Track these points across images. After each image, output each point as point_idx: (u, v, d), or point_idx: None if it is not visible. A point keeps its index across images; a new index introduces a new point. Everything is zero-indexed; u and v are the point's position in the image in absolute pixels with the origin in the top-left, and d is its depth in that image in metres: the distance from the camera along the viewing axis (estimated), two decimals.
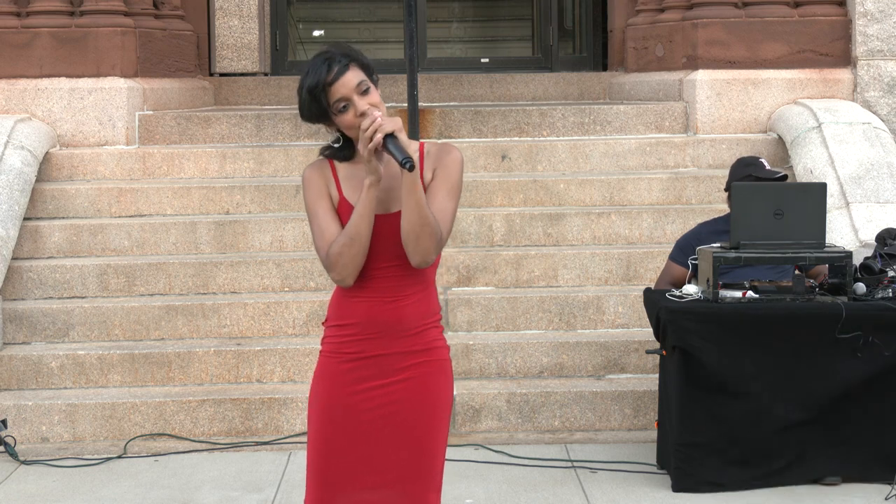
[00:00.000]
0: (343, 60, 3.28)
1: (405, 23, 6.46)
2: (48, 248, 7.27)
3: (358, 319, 3.36)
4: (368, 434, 3.36)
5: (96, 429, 6.30)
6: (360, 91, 3.28)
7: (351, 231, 3.26)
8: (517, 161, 8.00)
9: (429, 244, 3.26)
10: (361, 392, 3.36)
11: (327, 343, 3.43)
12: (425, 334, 3.40)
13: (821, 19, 8.44)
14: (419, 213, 3.22)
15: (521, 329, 6.89)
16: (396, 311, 3.35)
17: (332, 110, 3.29)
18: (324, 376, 3.42)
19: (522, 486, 5.58)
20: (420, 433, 3.39)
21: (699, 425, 5.41)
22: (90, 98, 8.11)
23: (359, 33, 13.65)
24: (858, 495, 5.36)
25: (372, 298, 3.34)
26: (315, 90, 3.27)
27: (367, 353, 3.36)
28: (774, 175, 5.93)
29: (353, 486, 3.37)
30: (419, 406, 3.39)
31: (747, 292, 5.49)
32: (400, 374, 3.37)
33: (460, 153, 3.41)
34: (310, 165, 3.43)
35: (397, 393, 3.37)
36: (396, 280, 3.34)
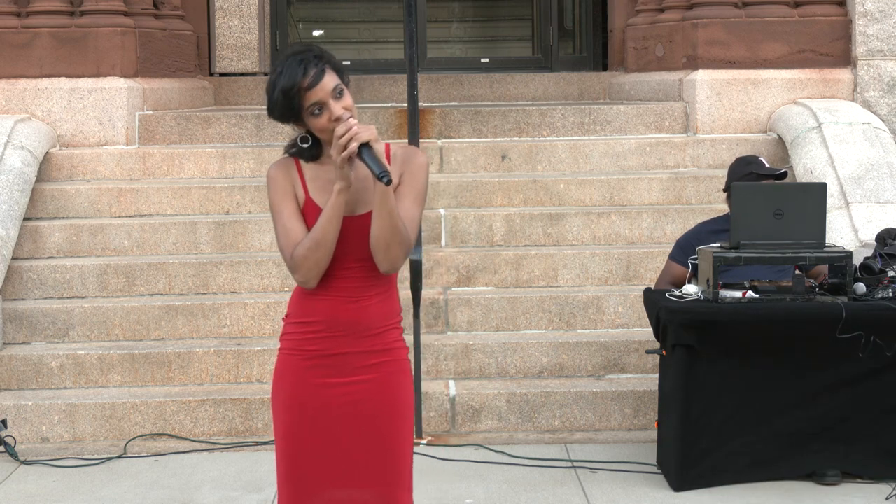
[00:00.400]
0: (318, 63, 3.26)
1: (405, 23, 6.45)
2: (48, 248, 7.27)
3: (320, 318, 3.36)
4: (333, 432, 3.37)
5: (96, 429, 6.30)
6: (335, 95, 3.26)
7: (317, 235, 3.26)
8: (517, 161, 8.00)
9: (399, 252, 3.28)
10: (324, 389, 3.36)
11: (288, 340, 3.43)
12: (386, 335, 3.42)
13: (821, 19, 8.44)
14: (391, 223, 3.24)
15: (521, 329, 6.89)
16: (359, 311, 3.36)
17: (305, 113, 3.27)
18: (286, 373, 3.42)
19: (522, 486, 5.58)
20: (385, 433, 3.39)
21: (699, 425, 5.41)
22: (90, 98, 8.12)
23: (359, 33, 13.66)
24: (858, 495, 5.36)
25: (335, 298, 3.35)
26: (290, 92, 3.24)
27: (329, 352, 3.37)
28: (775, 172, 5.93)
29: (322, 484, 3.37)
30: (382, 406, 3.39)
31: (747, 292, 5.49)
32: (361, 374, 3.38)
33: (426, 157, 3.41)
34: (275, 164, 3.41)
35: (360, 393, 3.37)
36: (360, 281, 3.35)
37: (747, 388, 5.40)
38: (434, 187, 7.56)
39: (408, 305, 6.50)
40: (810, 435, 5.41)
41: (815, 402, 5.41)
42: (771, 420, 5.40)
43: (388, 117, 8.26)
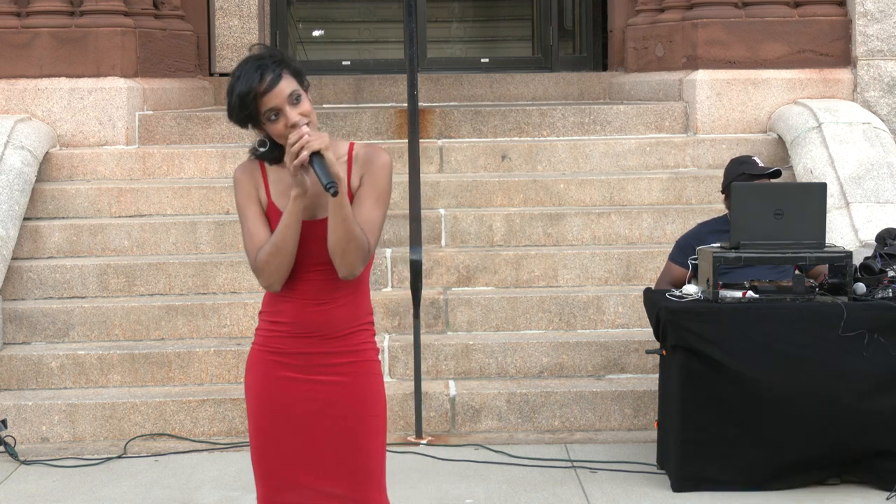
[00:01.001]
0: (275, 69, 3.25)
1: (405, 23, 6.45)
2: (48, 248, 7.27)
3: (287, 319, 3.38)
4: (302, 429, 3.38)
5: (96, 429, 6.30)
6: (292, 101, 3.25)
7: (277, 240, 3.27)
8: (517, 161, 8.00)
9: (355, 258, 3.27)
10: (291, 383, 3.38)
11: (259, 334, 3.46)
12: (354, 336, 3.41)
13: (821, 19, 8.44)
14: (345, 229, 3.23)
15: (521, 329, 6.89)
16: (325, 314, 3.36)
17: (262, 119, 3.27)
18: (253, 368, 3.45)
19: (522, 486, 5.58)
20: (355, 434, 3.39)
21: (699, 425, 5.41)
22: (90, 98, 8.12)
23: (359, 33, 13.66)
24: (858, 495, 5.36)
25: (300, 300, 3.36)
26: (246, 98, 3.24)
27: (295, 350, 3.38)
28: (765, 171, 5.92)
29: (294, 480, 3.38)
30: (352, 407, 3.39)
31: (747, 292, 5.49)
32: (329, 375, 3.38)
33: (389, 157, 3.39)
34: (240, 166, 3.42)
35: (329, 394, 3.38)
36: (324, 284, 3.35)
37: (748, 389, 5.39)
38: (434, 187, 7.56)
39: (408, 305, 6.51)
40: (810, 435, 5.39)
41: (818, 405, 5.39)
42: (771, 420, 5.39)
43: (388, 117, 8.26)
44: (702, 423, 5.40)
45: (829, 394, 5.38)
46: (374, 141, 8.13)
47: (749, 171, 5.92)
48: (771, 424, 5.39)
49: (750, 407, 5.39)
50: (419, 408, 6.27)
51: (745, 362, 5.38)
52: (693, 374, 5.40)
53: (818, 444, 5.39)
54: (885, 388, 5.39)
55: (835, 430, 5.38)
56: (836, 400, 5.38)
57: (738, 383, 5.39)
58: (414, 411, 6.29)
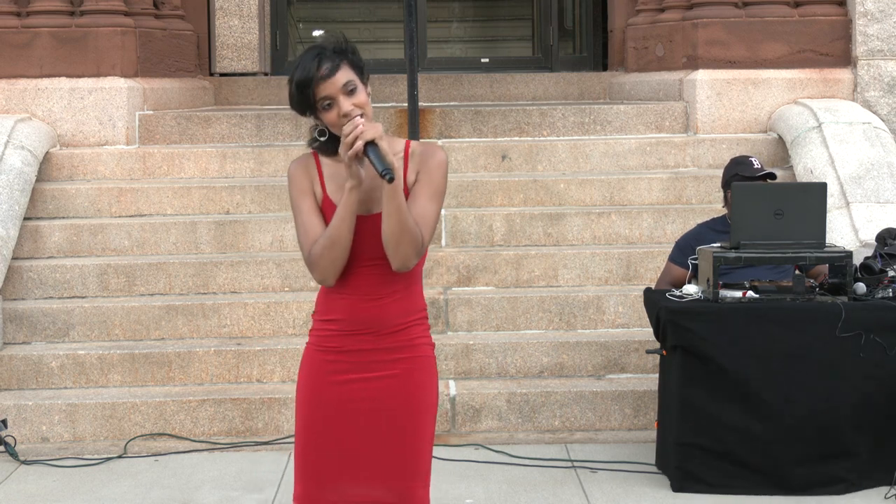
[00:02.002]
0: (333, 58, 3.28)
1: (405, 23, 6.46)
2: (48, 247, 7.27)
3: (340, 316, 3.38)
4: (353, 428, 3.37)
5: (96, 429, 6.30)
6: (347, 91, 3.27)
7: (332, 234, 3.27)
8: (517, 161, 8.00)
9: (409, 250, 3.26)
10: (343, 384, 3.37)
11: (313, 335, 3.46)
12: (408, 331, 3.41)
13: (821, 19, 8.44)
14: (399, 220, 3.23)
15: (521, 329, 6.89)
16: (377, 308, 3.36)
17: (317, 107, 3.29)
18: (307, 368, 3.45)
19: (522, 486, 5.58)
20: (405, 430, 3.39)
21: (699, 425, 5.41)
22: (90, 98, 8.12)
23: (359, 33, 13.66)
24: (858, 495, 5.36)
25: (353, 296, 3.36)
26: (302, 85, 3.28)
27: (349, 348, 3.38)
28: (758, 174, 5.92)
29: (338, 478, 3.38)
30: (403, 403, 3.39)
31: (747, 292, 5.49)
32: (383, 371, 3.38)
33: (445, 155, 3.41)
34: (295, 161, 3.43)
35: (381, 390, 3.37)
36: (377, 279, 3.35)
37: (748, 389, 5.39)
38: None
39: None
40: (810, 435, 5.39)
41: (816, 403, 5.39)
42: (771, 420, 5.39)
43: (388, 117, 8.26)
44: (702, 422, 5.40)
45: (829, 393, 5.38)
46: None
47: (743, 172, 5.93)
48: (771, 424, 5.39)
49: (750, 407, 5.39)
50: None
51: (746, 362, 5.38)
52: (693, 374, 5.40)
53: (818, 444, 5.39)
54: (883, 387, 5.39)
55: (835, 430, 5.38)
56: (835, 400, 5.38)
57: (739, 383, 5.39)
58: None
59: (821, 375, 5.37)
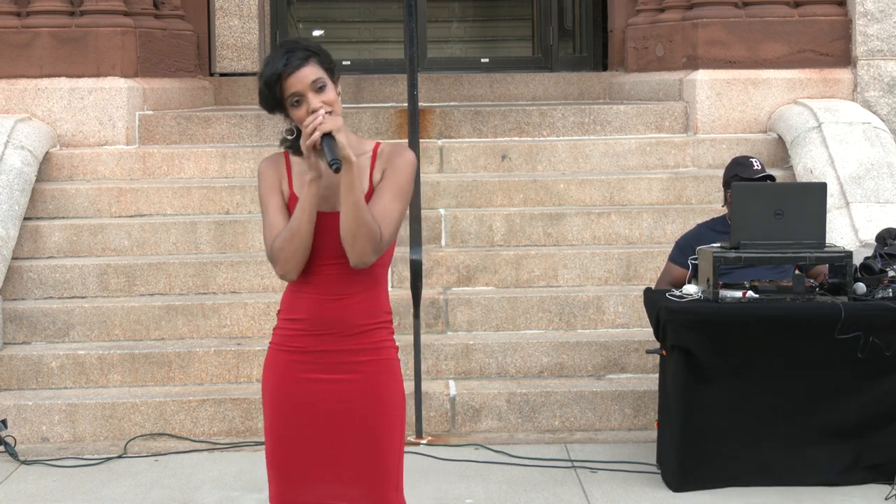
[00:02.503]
0: (302, 55, 3.28)
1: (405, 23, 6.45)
2: (48, 248, 7.27)
3: (304, 315, 3.37)
4: (320, 428, 3.37)
5: (96, 429, 6.30)
6: (315, 88, 3.27)
7: (292, 226, 3.28)
8: (517, 161, 8.00)
9: (365, 245, 3.25)
10: (309, 384, 3.37)
11: (276, 334, 3.45)
12: (372, 334, 3.40)
13: (821, 19, 8.44)
14: (355, 214, 3.23)
15: (521, 329, 6.89)
16: (341, 309, 3.35)
17: (286, 103, 3.30)
18: (271, 368, 3.44)
19: (522, 486, 5.58)
20: (373, 432, 3.39)
21: (699, 425, 5.40)
22: (90, 98, 8.12)
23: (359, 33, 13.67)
24: (858, 495, 5.36)
25: (316, 295, 3.35)
26: (270, 81, 3.28)
27: (312, 349, 3.37)
28: (756, 175, 5.92)
29: (310, 479, 3.37)
30: (370, 406, 3.38)
31: (747, 292, 5.49)
32: (347, 373, 3.37)
33: (413, 155, 3.40)
34: (266, 159, 3.45)
35: (347, 392, 3.37)
36: (341, 278, 3.34)
37: (748, 389, 5.39)
38: (434, 187, 7.56)
39: (408, 305, 6.50)
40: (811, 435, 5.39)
41: (817, 406, 5.39)
42: (772, 422, 5.39)
43: (388, 117, 8.26)
44: (702, 422, 5.40)
45: (828, 393, 5.38)
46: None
47: (742, 173, 5.94)
48: (771, 424, 5.39)
49: (750, 407, 5.39)
50: (419, 408, 6.27)
51: (745, 362, 5.38)
52: (693, 374, 5.40)
53: (818, 444, 5.40)
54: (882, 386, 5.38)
55: (835, 430, 5.38)
56: (836, 399, 5.38)
57: (739, 383, 5.39)
58: (414, 411, 6.29)
59: (820, 375, 5.37)
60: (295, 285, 3.39)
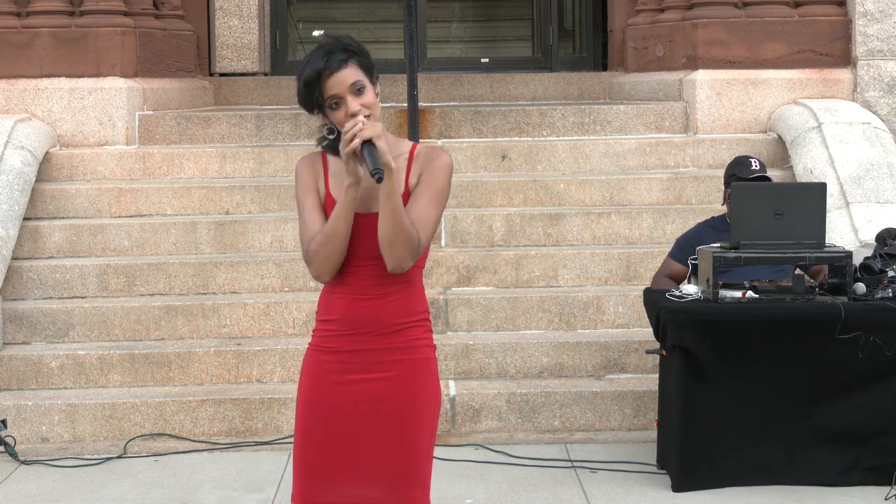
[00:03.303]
0: (342, 55, 3.27)
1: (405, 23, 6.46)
2: (48, 248, 7.27)
3: (338, 315, 3.38)
4: (352, 429, 3.37)
5: (96, 429, 6.30)
6: (354, 90, 3.26)
7: (328, 230, 3.28)
8: (517, 161, 8.00)
9: (403, 251, 3.25)
10: (342, 384, 3.37)
11: (314, 336, 3.47)
12: (406, 332, 3.39)
13: (821, 19, 8.44)
14: (395, 221, 3.22)
15: (521, 329, 6.89)
16: (374, 308, 3.36)
17: (325, 105, 3.29)
18: (306, 369, 3.46)
19: (522, 486, 5.58)
20: (404, 432, 3.38)
21: (699, 425, 5.40)
22: (90, 98, 8.12)
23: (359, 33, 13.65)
24: (858, 495, 5.36)
25: (350, 295, 3.36)
26: (310, 83, 3.27)
27: (346, 349, 3.38)
28: (751, 175, 5.93)
29: (337, 479, 3.37)
30: (403, 404, 3.38)
31: (747, 292, 5.49)
32: (381, 372, 3.37)
33: (450, 158, 3.40)
34: (303, 158, 3.44)
35: (380, 391, 3.37)
36: (375, 279, 3.34)
37: (747, 389, 5.39)
38: None
39: None
40: (811, 435, 5.39)
41: (817, 406, 5.39)
42: (771, 422, 5.39)
43: (388, 117, 8.26)
44: (702, 422, 5.40)
45: (828, 393, 5.38)
46: None
47: (739, 173, 5.96)
48: (770, 424, 5.39)
49: (750, 407, 5.39)
50: None
51: (745, 362, 5.38)
52: (693, 374, 5.40)
53: (818, 444, 5.39)
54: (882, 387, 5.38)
55: (835, 430, 5.38)
56: (836, 400, 5.38)
57: (739, 383, 5.39)
58: None
59: (820, 375, 5.37)
60: (330, 286, 3.40)
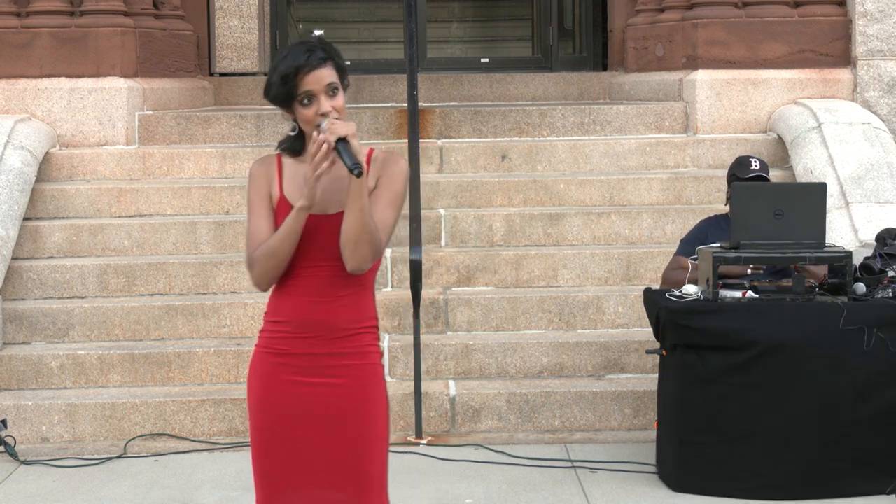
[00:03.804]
0: (322, 55, 3.27)
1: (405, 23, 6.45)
2: (48, 248, 7.27)
3: (288, 317, 3.36)
4: (308, 433, 3.34)
5: (96, 429, 6.30)
6: (329, 91, 3.27)
7: (274, 245, 3.28)
8: (517, 161, 8.00)
9: (367, 251, 3.25)
10: (294, 387, 3.35)
11: (262, 337, 3.43)
12: (358, 338, 3.37)
13: (821, 19, 8.44)
14: (362, 220, 3.22)
15: (521, 329, 6.89)
16: (326, 311, 3.34)
17: (295, 101, 3.28)
18: (257, 371, 3.42)
19: (522, 486, 5.58)
20: (356, 437, 3.35)
21: (699, 425, 5.40)
22: (90, 98, 8.12)
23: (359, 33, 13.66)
24: (859, 496, 5.35)
25: (303, 297, 3.34)
26: (287, 75, 3.25)
27: (297, 351, 3.35)
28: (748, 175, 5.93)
29: (294, 482, 3.35)
30: (353, 411, 3.36)
31: (747, 292, 5.49)
32: (333, 378, 3.35)
33: (406, 164, 3.41)
34: (258, 160, 3.43)
35: (331, 397, 3.34)
36: (328, 280, 3.33)
37: (747, 389, 5.39)
38: (434, 187, 7.56)
39: (408, 305, 6.51)
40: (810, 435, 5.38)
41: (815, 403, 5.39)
42: (771, 423, 5.38)
43: (388, 117, 8.26)
44: (701, 423, 5.40)
45: (829, 393, 5.37)
46: (373, 141, 8.12)
47: (738, 173, 5.99)
48: (771, 424, 5.38)
49: (750, 407, 5.39)
50: (419, 408, 6.27)
51: (745, 362, 5.38)
52: (693, 374, 5.40)
53: (818, 444, 5.39)
54: (886, 384, 5.37)
55: (835, 430, 5.37)
56: (836, 399, 5.37)
57: (738, 383, 5.38)
58: (414, 411, 6.29)
59: (821, 375, 5.36)
60: (281, 287, 3.37)
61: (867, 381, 5.36)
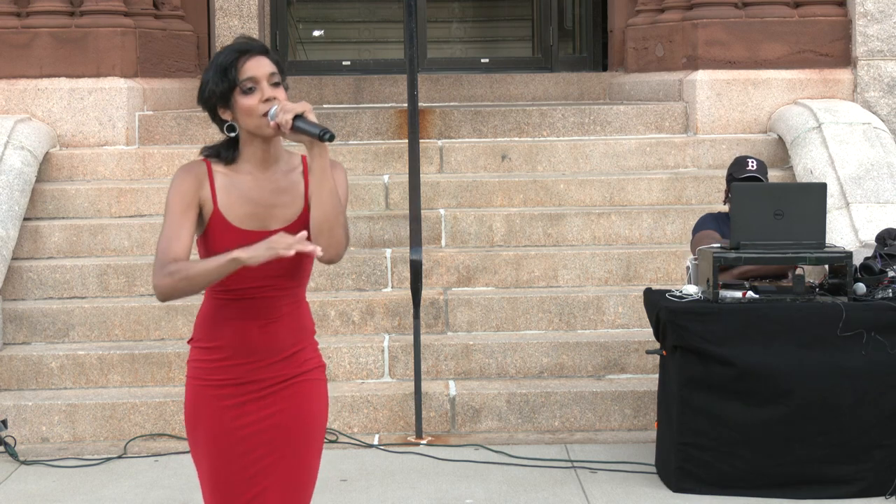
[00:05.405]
0: (261, 47, 3.19)
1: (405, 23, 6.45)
2: (48, 248, 7.27)
3: (226, 342, 3.23)
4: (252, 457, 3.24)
5: (96, 429, 6.30)
6: (272, 81, 3.15)
7: (193, 275, 3.10)
8: (517, 161, 8.00)
9: (342, 235, 3.13)
10: (240, 417, 3.22)
11: (195, 367, 3.28)
12: (299, 356, 3.27)
13: (821, 19, 8.44)
14: (334, 202, 3.10)
15: (521, 329, 6.89)
16: (268, 334, 3.22)
17: (236, 92, 3.13)
18: (199, 407, 3.26)
19: (522, 486, 5.58)
20: (298, 448, 3.26)
21: (699, 426, 5.41)
22: (90, 98, 8.12)
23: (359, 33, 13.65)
24: (858, 496, 5.36)
25: (241, 321, 3.22)
26: (227, 66, 3.12)
27: (238, 380, 3.22)
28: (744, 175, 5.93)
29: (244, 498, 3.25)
30: (297, 425, 3.26)
31: (747, 292, 5.49)
32: (279, 403, 3.24)
33: (344, 169, 3.30)
34: (185, 167, 3.22)
35: (279, 420, 3.24)
36: (269, 300, 3.20)
37: (747, 390, 5.39)
38: (434, 187, 7.56)
39: (408, 306, 6.51)
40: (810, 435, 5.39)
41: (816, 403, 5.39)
42: (771, 420, 5.38)
43: (388, 117, 8.26)
44: (701, 423, 5.40)
45: (829, 393, 5.37)
46: (374, 141, 8.13)
47: (735, 173, 6.02)
48: (771, 425, 5.38)
49: (750, 407, 5.39)
50: (419, 408, 6.27)
51: (745, 363, 5.38)
52: (693, 374, 5.40)
53: (818, 444, 5.39)
54: (884, 386, 5.38)
55: (836, 430, 5.38)
56: (836, 400, 5.37)
57: (738, 384, 5.38)
58: (414, 411, 6.29)
59: (821, 376, 5.37)
60: (213, 309, 3.25)
61: (867, 383, 5.36)
